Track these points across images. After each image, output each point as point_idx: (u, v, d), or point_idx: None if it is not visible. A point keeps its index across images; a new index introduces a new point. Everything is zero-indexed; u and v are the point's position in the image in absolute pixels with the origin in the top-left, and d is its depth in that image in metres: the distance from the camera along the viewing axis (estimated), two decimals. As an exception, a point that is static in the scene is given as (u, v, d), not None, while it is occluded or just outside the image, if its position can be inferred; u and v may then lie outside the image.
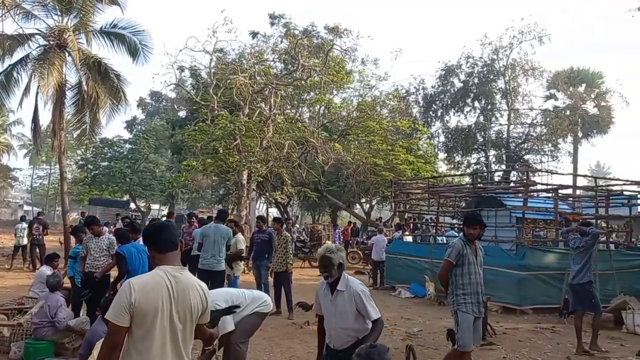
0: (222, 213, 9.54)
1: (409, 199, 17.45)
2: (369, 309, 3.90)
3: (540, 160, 31.22)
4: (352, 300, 3.91)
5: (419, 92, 32.17)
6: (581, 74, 33.33)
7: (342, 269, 4.03)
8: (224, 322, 5.03)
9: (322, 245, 4.50)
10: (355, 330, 3.93)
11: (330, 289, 4.04)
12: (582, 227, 8.52)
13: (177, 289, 2.73)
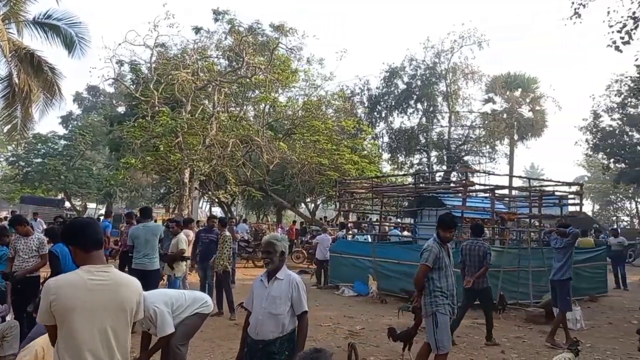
0: (145, 211, 9.09)
1: (353, 198, 17.59)
2: (303, 300, 3.95)
3: (478, 162, 32.38)
4: (290, 288, 3.93)
5: (363, 93, 32.62)
6: (517, 79, 34.83)
7: (284, 258, 4.07)
8: (163, 323, 4.94)
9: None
10: (282, 322, 3.89)
11: (268, 277, 4.03)
12: (561, 228, 8.92)
13: (101, 287, 2.68)
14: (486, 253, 8.46)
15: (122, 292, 2.76)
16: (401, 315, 9.47)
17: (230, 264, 10.13)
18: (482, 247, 8.51)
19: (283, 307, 3.91)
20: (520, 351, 7.87)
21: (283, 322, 3.90)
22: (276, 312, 3.89)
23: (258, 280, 4.15)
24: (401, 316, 9.47)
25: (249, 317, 4.09)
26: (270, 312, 3.90)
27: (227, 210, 27.60)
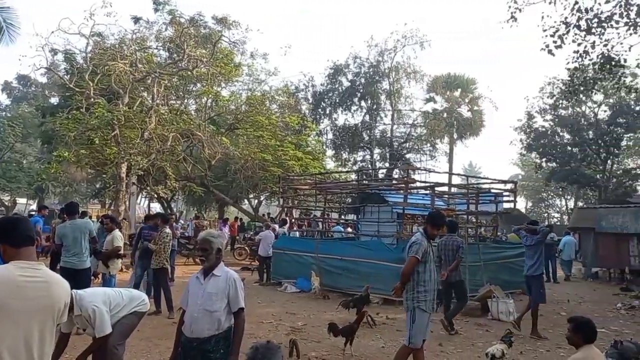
0: (71, 207, 8.58)
1: (297, 194, 17.53)
2: (239, 296, 3.87)
3: (420, 159, 33.13)
4: (227, 285, 3.84)
5: (308, 89, 32.66)
6: (457, 79, 35.87)
7: (221, 255, 3.97)
8: (102, 323, 4.79)
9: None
10: (218, 319, 3.80)
11: (204, 274, 3.93)
12: (531, 226, 9.36)
13: (31, 284, 2.55)
14: (459, 247, 9.02)
15: (53, 291, 2.64)
16: (343, 310, 9.53)
17: (168, 262, 9.88)
18: (455, 242, 9.12)
19: (219, 304, 3.81)
20: (457, 343, 8.06)
21: (219, 319, 3.80)
22: (212, 309, 3.79)
23: (194, 277, 4.02)
24: (343, 311, 9.53)
25: (183, 315, 3.96)
26: (205, 309, 3.79)
27: (166, 206, 26.89)
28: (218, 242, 3.94)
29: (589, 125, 34.22)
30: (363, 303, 9.29)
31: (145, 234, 10.07)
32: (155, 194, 22.88)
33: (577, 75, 15.66)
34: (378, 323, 9.10)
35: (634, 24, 12.40)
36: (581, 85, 16.33)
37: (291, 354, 6.68)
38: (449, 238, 9.16)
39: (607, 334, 8.76)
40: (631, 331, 9.39)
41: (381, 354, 7.31)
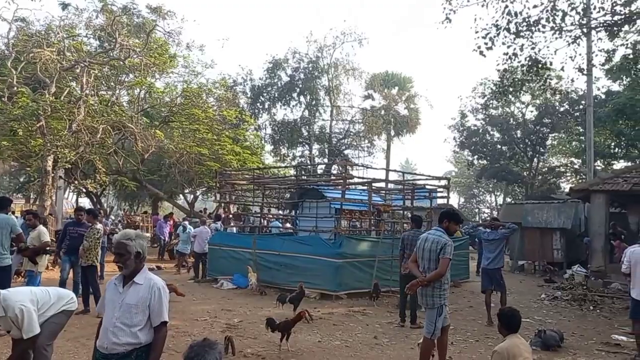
0: (2, 201, 8.10)
1: (234, 189, 17.28)
2: (164, 308, 3.41)
3: (358, 155, 33.56)
4: (149, 294, 3.37)
5: (246, 83, 32.32)
6: (394, 77, 36.59)
7: (142, 259, 3.49)
8: (30, 324, 4.51)
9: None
10: (136, 335, 3.33)
11: (124, 281, 3.47)
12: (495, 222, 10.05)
13: None
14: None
15: None
16: (281, 306, 9.48)
17: (98, 259, 9.49)
18: (413, 237, 9.03)
19: (139, 317, 3.35)
20: (391, 336, 8.20)
21: (138, 334, 3.34)
22: (130, 324, 3.33)
23: (111, 283, 3.54)
24: (280, 307, 9.47)
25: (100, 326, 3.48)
26: (123, 324, 3.32)
27: (96, 201, 25.75)
28: (136, 244, 3.44)
29: (517, 125, 35.87)
30: (299, 300, 9.28)
31: (70, 230, 9.59)
32: (83, 188, 21.85)
33: (507, 77, 16.29)
34: (315, 318, 9.12)
35: (559, 29, 13.03)
36: (510, 86, 16.98)
37: (226, 351, 6.58)
38: (416, 232, 9.15)
39: (531, 324, 9.20)
40: (553, 320, 9.92)
41: (317, 348, 7.32)
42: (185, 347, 2.80)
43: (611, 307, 11.44)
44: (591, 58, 16.20)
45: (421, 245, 5.94)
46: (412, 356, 6.93)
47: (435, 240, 5.77)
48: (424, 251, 5.86)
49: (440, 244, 5.70)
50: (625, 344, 7.94)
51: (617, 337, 8.39)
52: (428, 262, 5.80)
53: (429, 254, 5.78)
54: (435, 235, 5.86)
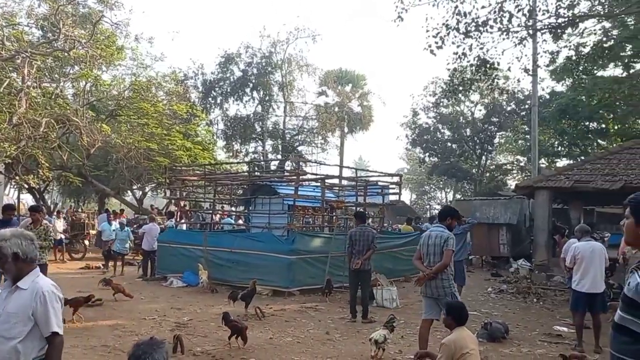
0: None
1: (185, 186, 16.94)
2: (51, 316, 2.92)
3: (311, 152, 33.55)
4: (32, 301, 2.92)
5: (197, 77, 31.69)
6: (348, 74, 36.83)
7: (25, 261, 3.00)
8: None
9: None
10: (15, 349, 2.87)
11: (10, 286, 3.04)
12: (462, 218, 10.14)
13: None
14: (373, 238, 9.21)
15: None
16: (232, 303, 9.34)
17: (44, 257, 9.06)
18: (370, 233, 9.29)
19: (20, 327, 2.88)
20: (343, 331, 8.23)
21: (18, 348, 2.86)
22: (9, 335, 2.87)
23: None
24: (232, 305, 9.33)
25: None
26: (2, 336, 2.88)
27: (39, 198, 24.68)
28: (12, 244, 2.96)
29: (466, 123, 36.81)
30: (251, 297, 9.18)
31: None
32: (25, 184, 20.89)
33: (456, 76, 16.66)
34: (267, 315, 9.07)
35: (507, 30, 13.42)
36: (460, 85, 17.40)
37: (175, 350, 6.45)
38: (363, 228, 9.34)
39: (478, 316, 9.44)
40: (499, 313, 10.22)
41: (269, 345, 7.27)
42: (131, 346, 2.68)
43: (553, 299, 11.90)
44: (536, 59, 16.79)
45: (425, 242, 6.34)
46: (363, 350, 6.99)
47: (439, 235, 6.24)
48: (428, 247, 6.27)
49: (443, 238, 6.19)
50: (566, 335, 8.26)
51: (559, 328, 8.72)
52: (433, 256, 6.20)
53: (433, 248, 6.21)
54: (437, 231, 6.34)
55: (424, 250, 6.34)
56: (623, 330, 2.36)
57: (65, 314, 8.09)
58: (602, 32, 18.54)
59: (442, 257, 6.10)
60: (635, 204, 2.44)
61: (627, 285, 2.40)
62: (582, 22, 14.11)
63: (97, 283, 11.14)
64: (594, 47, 17.23)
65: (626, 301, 2.36)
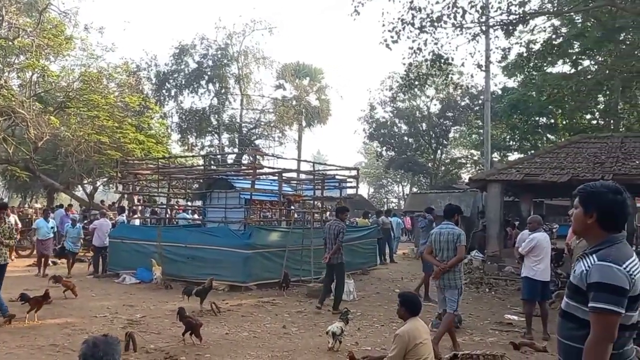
0: None
1: (138, 180, 16.50)
2: None
3: (269, 146, 33.37)
4: None
5: (151, 69, 31.00)
6: (305, 68, 36.79)
7: None
8: None
9: None
10: None
11: None
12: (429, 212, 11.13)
13: None
14: (339, 232, 9.29)
15: None
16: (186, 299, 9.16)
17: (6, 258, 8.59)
18: (337, 226, 9.40)
19: None
20: (300, 325, 8.21)
21: None
22: None
23: None
24: (186, 300, 9.15)
25: None
26: None
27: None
28: None
29: (422, 118, 37.44)
30: (206, 292, 9.04)
31: None
32: (-34, 178, 19.98)
33: (412, 71, 16.86)
34: (223, 310, 8.95)
35: (460, 26, 13.67)
36: (415, 79, 17.62)
37: (127, 348, 6.27)
38: (333, 222, 9.57)
39: (433, 307, 9.59)
40: (453, 303, 10.40)
41: (224, 340, 7.17)
42: (83, 345, 2.54)
43: (505, 289, 12.23)
44: (489, 55, 17.16)
45: (437, 238, 6.91)
46: (320, 343, 6.99)
47: (451, 232, 6.83)
48: (440, 242, 6.85)
49: (455, 234, 6.78)
50: (517, 323, 8.50)
51: (510, 317, 8.97)
52: (447, 252, 6.77)
53: (446, 244, 6.79)
54: (448, 228, 6.91)
55: (436, 246, 6.89)
56: (569, 316, 2.45)
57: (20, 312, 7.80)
58: (552, 30, 19.13)
59: (455, 252, 6.70)
60: (584, 194, 2.53)
61: (573, 272, 2.50)
62: (532, 19, 14.53)
63: (48, 280, 10.72)
64: (544, 44, 17.77)
65: (572, 288, 2.46)
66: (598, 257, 2.35)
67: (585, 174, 13.28)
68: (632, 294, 2.29)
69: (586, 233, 2.54)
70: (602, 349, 2.27)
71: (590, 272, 2.33)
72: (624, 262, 2.31)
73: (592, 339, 2.28)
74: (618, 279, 2.26)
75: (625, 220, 2.51)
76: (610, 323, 2.26)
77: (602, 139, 16.13)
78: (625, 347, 2.40)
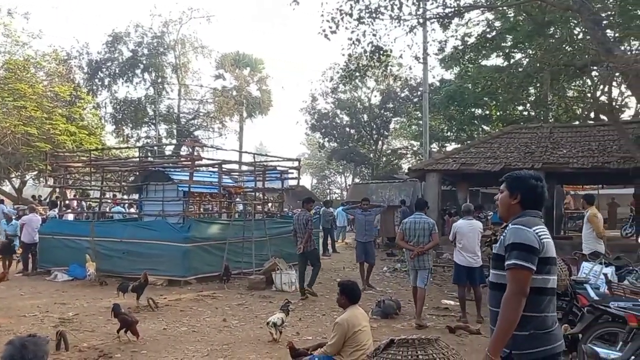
0: None
1: (69, 173, 15.76)
2: None
3: (209, 137, 32.79)
4: None
5: (82, 57, 29.65)
6: (246, 58, 36.34)
7: None
8: None
9: None
10: None
11: None
12: (366, 202, 11.33)
13: None
14: (307, 221, 9.86)
15: None
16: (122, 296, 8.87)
17: None
18: (305, 216, 9.97)
19: None
20: (240, 317, 8.13)
21: None
22: None
23: None
24: (122, 297, 8.86)
25: None
26: None
27: None
28: None
29: (363, 109, 37.85)
30: (142, 288, 8.78)
31: None
32: None
33: (352, 62, 16.94)
34: (161, 306, 8.73)
35: (398, 18, 13.82)
36: (355, 71, 17.70)
37: (58, 347, 6.05)
38: (300, 213, 10.25)
39: (373, 295, 9.76)
40: (393, 291, 10.64)
41: (162, 336, 7.01)
42: (8, 345, 2.37)
43: (442, 275, 12.59)
44: (426, 47, 17.47)
45: (412, 227, 7.81)
46: (260, 335, 6.95)
47: (425, 221, 7.83)
48: (416, 230, 7.76)
49: (430, 224, 7.81)
50: (453, 308, 8.78)
51: (446, 302, 9.25)
52: (422, 238, 7.71)
53: (422, 231, 7.72)
54: (422, 218, 7.88)
55: (411, 233, 7.78)
56: (497, 286, 2.72)
57: None
58: (486, 24, 19.73)
59: (429, 238, 7.68)
60: (510, 179, 2.89)
61: (497, 246, 2.81)
62: (467, 12, 14.86)
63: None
64: (478, 37, 18.30)
65: (495, 259, 2.77)
66: (512, 223, 2.73)
67: (517, 163, 13.84)
68: (542, 256, 2.61)
69: (509, 213, 2.85)
70: (516, 301, 2.54)
71: (507, 236, 2.69)
72: (533, 226, 2.66)
73: (507, 293, 2.57)
74: (527, 239, 2.59)
75: (542, 203, 2.87)
76: (523, 278, 2.55)
77: (532, 129, 16.83)
78: (546, 312, 2.64)
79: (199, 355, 6.21)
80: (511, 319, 2.54)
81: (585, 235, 9.05)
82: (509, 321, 2.54)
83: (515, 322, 2.54)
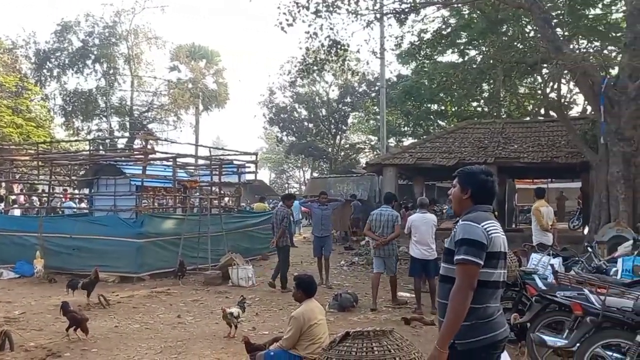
0: None
1: (15, 166, 15.13)
2: None
3: (163, 130, 32.11)
4: None
5: (29, 46, 28.41)
6: (202, 50, 35.71)
7: None
8: None
9: None
10: None
11: None
12: (324, 196, 11.35)
13: None
14: (284, 217, 10.18)
15: None
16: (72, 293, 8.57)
17: None
18: (282, 212, 10.32)
19: None
20: (195, 313, 8.01)
21: None
22: None
23: None
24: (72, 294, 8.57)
25: None
26: None
27: None
28: None
29: (322, 103, 37.90)
30: (93, 285, 8.52)
31: None
32: None
33: (310, 55, 16.89)
34: (112, 303, 8.49)
35: (355, 12, 13.86)
36: (313, 64, 17.65)
37: (2, 348, 5.81)
38: (279, 209, 10.55)
39: (331, 288, 9.79)
40: (350, 284, 10.71)
41: (113, 333, 6.82)
42: None
43: (399, 268, 12.68)
44: (383, 43, 17.60)
45: (377, 218, 8.37)
46: (216, 331, 6.87)
47: (390, 214, 8.38)
48: (381, 222, 8.31)
49: (394, 216, 8.37)
50: (409, 300, 8.90)
51: (402, 294, 9.36)
52: (387, 229, 8.25)
53: (387, 223, 8.27)
54: (388, 210, 8.44)
55: (377, 224, 8.34)
56: (447, 279, 2.78)
57: None
58: (441, 20, 20.08)
59: (393, 229, 8.22)
60: (461, 174, 2.98)
61: (447, 240, 2.90)
62: (423, 8, 15.06)
63: None
64: (434, 34, 18.59)
65: (446, 252, 2.85)
66: (462, 219, 2.82)
67: (471, 158, 14.16)
68: (490, 250, 2.68)
69: (461, 208, 2.93)
70: (464, 294, 2.61)
71: (457, 232, 2.76)
72: (482, 222, 2.73)
73: (455, 287, 2.64)
74: (476, 235, 2.67)
75: (492, 198, 2.97)
76: (470, 272, 2.63)
77: (485, 124, 17.25)
78: (487, 304, 2.71)
79: (152, 352, 6.07)
80: (459, 312, 2.60)
81: (534, 227, 9.47)
82: (457, 313, 2.61)
83: (463, 315, 2.60)
